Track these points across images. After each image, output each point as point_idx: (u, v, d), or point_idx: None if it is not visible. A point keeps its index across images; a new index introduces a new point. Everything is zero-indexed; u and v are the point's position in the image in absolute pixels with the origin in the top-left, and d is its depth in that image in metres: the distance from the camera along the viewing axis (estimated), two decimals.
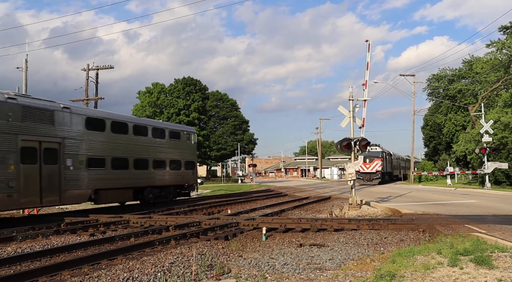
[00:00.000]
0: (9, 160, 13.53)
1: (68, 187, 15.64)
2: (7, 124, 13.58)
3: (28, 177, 14.06)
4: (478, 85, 47.23)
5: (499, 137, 32.89)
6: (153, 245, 9.24)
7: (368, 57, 19.77)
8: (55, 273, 6.85)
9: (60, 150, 15.49)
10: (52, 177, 15.04)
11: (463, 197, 23.32)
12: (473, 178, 45.08)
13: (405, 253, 7.51)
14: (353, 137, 18.10)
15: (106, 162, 17.89)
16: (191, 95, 65.71)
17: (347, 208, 17.07)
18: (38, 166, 14.51)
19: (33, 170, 14.34)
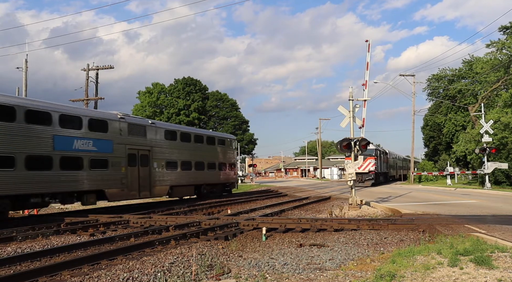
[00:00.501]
0: (122, 163, 18.33)
1: (155, 184, 20.45)
2: (120, 137, 18.50)
3: (132, 176, 18.86)
4: (478, 85, 47.24)
5: (499, 137, 32.90)
6: (153, 245, 9.24)
7: (368, 57, 19.79)
8: (55, 273, 6.85)
9: (150, 155, 20.29)
10: (146, 176, 19.89)
11: (463, 197, 23.32)
12: (473, 178, 45.10)
13: (405, 253, 7.51)
14: (353, 137, 18.11)
15: (178, 165, 22.60)
16: (191, 95, 65.74)
17: (347, 208, 17.07)
18: (137, 168, 19.31)
19: (134, 171, 19.15)
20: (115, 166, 18.04)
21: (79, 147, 16.34)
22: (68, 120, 16.11)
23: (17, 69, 30.73)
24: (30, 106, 14.72)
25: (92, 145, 16.96)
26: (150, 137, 20.65)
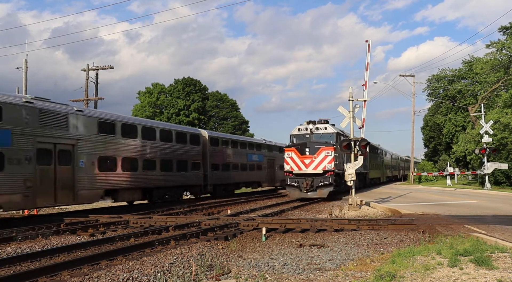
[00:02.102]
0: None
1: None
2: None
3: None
4: (478, 86, 47.24)
5: (499, 138, 32.90)
6: (153, 245, 9.23)
7: (368, 58, 19.83)
8: (55, 273, 6.85)
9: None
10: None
11: (463, 198, 23.32)
12: (473, 179, 45.13)
13: (405, 254, 7.50)
14: (353, 137, 18.12)
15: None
16: (191, 95, 65.72)
17: (347, 208, 17.07)
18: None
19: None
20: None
21: None
22: None
23: (17, 69, 30.73)
24: None
25: None
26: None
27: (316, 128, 22.95)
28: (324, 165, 21.35)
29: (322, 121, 23.42)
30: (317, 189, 21.31)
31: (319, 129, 23.00)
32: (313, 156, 21.44)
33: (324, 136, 22.85)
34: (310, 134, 22.95)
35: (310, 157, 21.52)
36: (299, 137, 23.19)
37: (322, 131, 23.01)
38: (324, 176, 21.33)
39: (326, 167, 21.25)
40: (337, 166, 22.05)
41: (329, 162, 21.35)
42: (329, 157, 21.35)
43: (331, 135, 22.97)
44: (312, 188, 21.27)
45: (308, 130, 23.02)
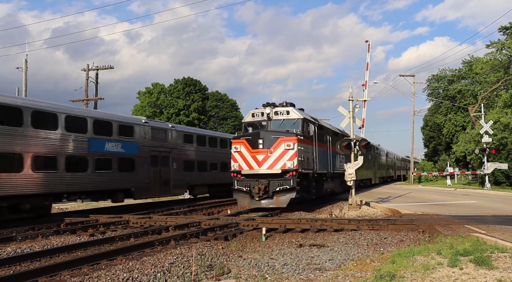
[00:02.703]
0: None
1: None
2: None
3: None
4: (477, 86, 47.25)
5: (499, 138, 32.90)
6: (152, 245, 9.23)
7: (368, 58, 19.81)
8: (54, 273, 6.85)
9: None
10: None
11: (462, 198, 23.32)
12: (473, 179, 45.13)
13: (405, 254, 7.50)
14: (353, 137, 18.12)
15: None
16: (190, 95, 65.72)
17: (346, 208, 17.08)
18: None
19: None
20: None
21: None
22: None
23: (17, 69, 30.74)
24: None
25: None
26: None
27: (276, 113, 17.10)
28: (283, 163, 15.65)
29: (284, 104, 17.65)
30: (274, 196, 15.69)
31: (280, 114, 17.13)
32: (268, 150, 15.74)
33: (286, 123, 16.98)
34: (267, 120, 17.09)
35: (265, 151, 15.82)
36: (254, 126, 17.51)
37: (284, 117, 17.06)
38: (284, 178, 15.65)
39: (286, 165, 15.55)
40: (302, 163, 16.37)
41: (290, 158, 15.61)
42: (291, 151, 15.64)
43: (295, 122, 16.95)
44: (267, 194, 15.69)
45: (264, 116, 17.10)
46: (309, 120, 18.15)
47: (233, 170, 16.60)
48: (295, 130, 16.71)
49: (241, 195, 16.41)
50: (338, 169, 22.46)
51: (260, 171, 15.92)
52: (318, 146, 18.86)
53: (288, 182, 15.66)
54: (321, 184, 19.76)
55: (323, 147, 19.86)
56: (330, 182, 21.47)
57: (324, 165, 19.73)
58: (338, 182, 23.07)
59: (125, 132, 19.22)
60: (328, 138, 21.19)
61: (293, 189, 15.70)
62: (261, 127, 17.24)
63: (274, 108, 17.26)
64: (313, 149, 17.99)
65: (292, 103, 17.77)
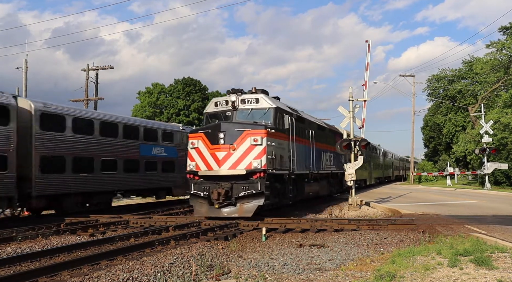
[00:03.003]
0: None
1: None
2: None
3: None
4: (478, 86, 47.25)
5: (499, 138, 32.90)
6: (153, 245, 9.23)
7: (368, 58, 19.78)
8: (55, 273, 6.85)
9: None
10: None
11: (463, 198, 23.32)
12: (473, 179, 45.13)
13: (405, 254, 7.50)
14: (353, 137, 18.12)
15: None
16: (191, 95, 65.69)
17: (347, 208, 17.08)
18: None
19: None
20: None
21: None
22: None
23: (17, 70, 30.76)
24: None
25: None
26: None
27: (243, 101, 14.08)
28: (248, 162, 12.75)
29: (253, 90, 14.61)
30: (237, 202, 12.80)
31: (248, 102, 14.10)
32: (231, 147, 12.93)
33: (256, 113, 13.96)
34: (232, 110, 14.06)
35: (226, 148, 12.97)
36: (217, 117, 14.46)
37: (252, 106, 14.07)
38: (250, 181, 12.76)
39: (253, 165, 12.67)
40: (274, 162, 13.36)
41: (257, 155, 12.76)
42: (258, 148, 12.81)
43: (265, 112, 13.91)
44: (229, 200, 12.82)
45: (229, 105, 14.12)
46: (284, 110, 14.93)
47: (189, 171, 13.50)
48: (264, 122, 13.61)
49: (198, 202, 13.27)
50: (324, 169, 19.62)
51: (220, 172, 12.88)
52: (297, 141, 15.55)
53: (254, 185, 12.67)
54: (301, 187, 16.48)
55: (303, 143, 16.68)
56: (313, 184, 18.22)
57: (305, 165, 16.63)
58: (324, 183, 20.33)
59: (167, 138, 22.29)
60: (311, 133, 17.74)
61: (261, 194, 12.57)
62: (225, 118, 14.07)
63: (240, 95, 14.09)
64: (289, 145, 14.80)
65: (264, 90, 14.80)
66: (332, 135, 22.13)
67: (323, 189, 20.25)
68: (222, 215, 12.83)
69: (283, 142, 14.37)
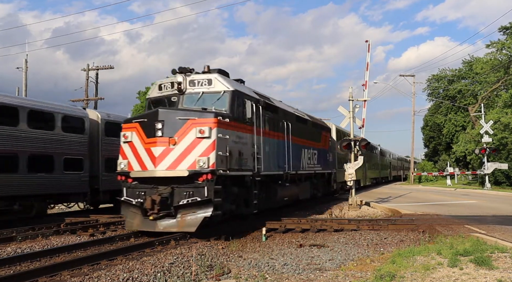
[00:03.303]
0: None
1: None
2: None
3: None
4: (478, 86, 47.26)
5: (499, 138, 32.90)
6: (153, 245, 9.23)
7: (368, 58, 19.76)
8: (55, 273, 6.85)
9: None
10: None
11: (463, 198, 23.32)
12: (473, 179, 45.12)
13: (405, 254, 7.51)
14: (353, 137, 18.13)
15: None
16: None
17: (347, 208, 17.09)
18: None
19: None
20: None
21: None
22: None
23: (17, 69, 30.78)
24: None
25: None
26: None
27: (192, 83, 11.14)
28: (192, 159, 9.89)
29: (206, 70, 11.64)
30: (178, 213, 9.91)
31: (198, 84, 11.12)
32: (170, 140, 10.08)
33: (208, 98, 11.04)
34: (178, 94, 11.17)
35: (165, 141, 10.12)
36: (161, 103, 11.41)
37: (204, 89, 11.07)
38: (195, 185, 9.88)
39: (198, 164, 9.81)
40: (229, 160, 10.41)
41: (204, 152, 9.89)
42: (206, 142, 9.95)
43: (220, 97, 10.97)
44: (168, 210, 9.91)
45: (174, 87, 11.20)
46: (246, 94, 11.82)
47: (120, 172, 10.66)
48: (216, 109, 10.67)
49: (131, 211, 10.38)
50: (306, 169, 16.84)
51: (155, 174, 9.97)
52: (266, 135, 12.74)
53: (200, 190, 9.75)
54: (272, 191, 13.52)
55: (276, 137, 13.77)
56: (290, 187, 15.01)
57: (277, 164, 13.75)
58: (306, 185, 17.47)
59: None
60: (287, 125, 14.80)
61: (208, 203, 9.65)
62: (170, 105, 11.23)
63: (189, 75, 11.13)
64: (254, 140, 11.84)
65: (222, 70, 11.82)
66: (317, 130, 19.21)
67: (304, 192, 17.24)
68: (157, 230, 9.98)
69: (244, 135, 11.36)
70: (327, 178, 20.75)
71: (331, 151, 21.58)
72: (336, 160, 22.99)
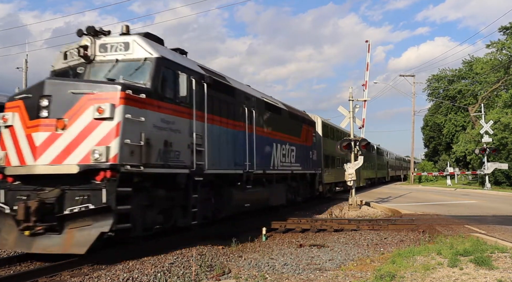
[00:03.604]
0: None
1: None
2: None
3: None
4: (478, 86, 47.25)
5: (499, 138, 32.90)
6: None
7: (368, 58, 19.76)
8: (55, 273, 6.84)
9: None
10: None
11: (463, 198, 23.32)
12: (473, 179, 45.12)
13: (405, 254, 7.51)
14: (353, 137, 18.13)
15: None
16: None
17: (347, 208, 17.10)
18: None
19: None
20: None
21: None
22: None
23: (17, 70, 30.82)
24: None
25: None
26: None
27: (103, 48, 8.41)
28: (87, 150, 7.12)
29: (124, 30, 8.85)
30: (65, 226, 7.03)
31: (111, 49, 8.41)
32: (58, 122, 7.28)
33: (123, 68, 8.28)
34: (85, 63, 8.46)
35: (51, 124, 7.31)
36: (66, 76, 8.71)
37: (119, 56, 8.36)
38: (91, 186, 7.14)
39: (93, 156, 7.04)
40: (146, 152, 7.66)
41: (103, 139, 7.14)
42: (107, 125, 7.18)
43: (141, 66, 8.25)
44: (51, 222, 7.04)
45: (81, 54, 8.37)
46: (181, 66, 9.03)
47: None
48: (124, 79, 7.95)
49: (7, 223, 7.49)
50: (279, 168, 13.88)
51: (35, 170, 7.29)
52: (214, 122, 9.85)
53: (97, 194, 7.07)
54: (225, 196, 10.62)
55: (231, 126, 10.78)
56: (253, 190, 11.90)
57: (233, 160, 10.77)
58: (280, 189, 14.38)
59: None
60: (250, 113, 11.82)
61: (107, 212, 6.97)
62: (74, 75, 8.52)
63: (99, 38, 8.42)
64: (192, 126, 8.97)
65: (148, 33, 9.14)
66: (296, 122, 16.25)
67: (276, 197, 14.11)
68: (34, 251, 7.26)
69: (175, 119, 8.50)
70: (309, 179, 17.78)
71: (315, 148, 18.57)
72: (322, 158, 20.39)
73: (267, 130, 13.15)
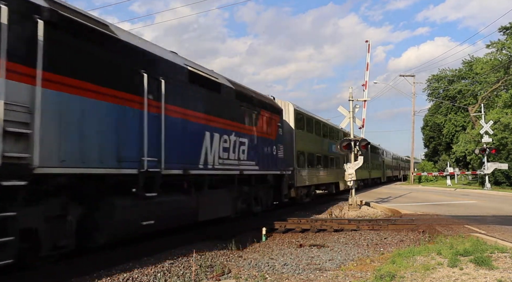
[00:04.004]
0: None
1: None
2: None
3: None
4: (478, 86, 47.26)
5: (499, 138, 32.92)
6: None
7: (368, 58, 19.80)
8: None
9: None
10: None
11: (463, 198, 23.33)
12: (473, 179, 45.12)
13: (405, 254, 7.51)
14: (353, 137, 18.14)
15: None
16: None
17: (347, 208, 17.10)
18: None
19: None
20: None
21: None
22: None
23: None
24: None
25: None
26: None
27: None
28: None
29: None
30: None
31: None
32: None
33: None
34: None
35: None
36: None
37: None
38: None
39: None
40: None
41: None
42: None
43: None
44: None
45: None
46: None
47: None
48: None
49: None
50: (217, 167, 9.86)
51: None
52: (65, 89, 5.89)
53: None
54: (102, 211, 6.78)
55: (114, 100, 6.80)
56: (162, 200, 7.90)
57: (116, 152, 6.78)
58: (221, 196, 10.56)
59: None
60: (156, 84, 7.82)
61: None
62: None
63: None
64: (7, 94, 5.03)
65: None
66: (250, 107, 11.87)
67: (214, 207, 10.18)
68: None
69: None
70: (272, 182, 13.77)
71: (283, 142, 14.44)
72: (295, 156, 16.65)
73: (193, 113, 9.03)
